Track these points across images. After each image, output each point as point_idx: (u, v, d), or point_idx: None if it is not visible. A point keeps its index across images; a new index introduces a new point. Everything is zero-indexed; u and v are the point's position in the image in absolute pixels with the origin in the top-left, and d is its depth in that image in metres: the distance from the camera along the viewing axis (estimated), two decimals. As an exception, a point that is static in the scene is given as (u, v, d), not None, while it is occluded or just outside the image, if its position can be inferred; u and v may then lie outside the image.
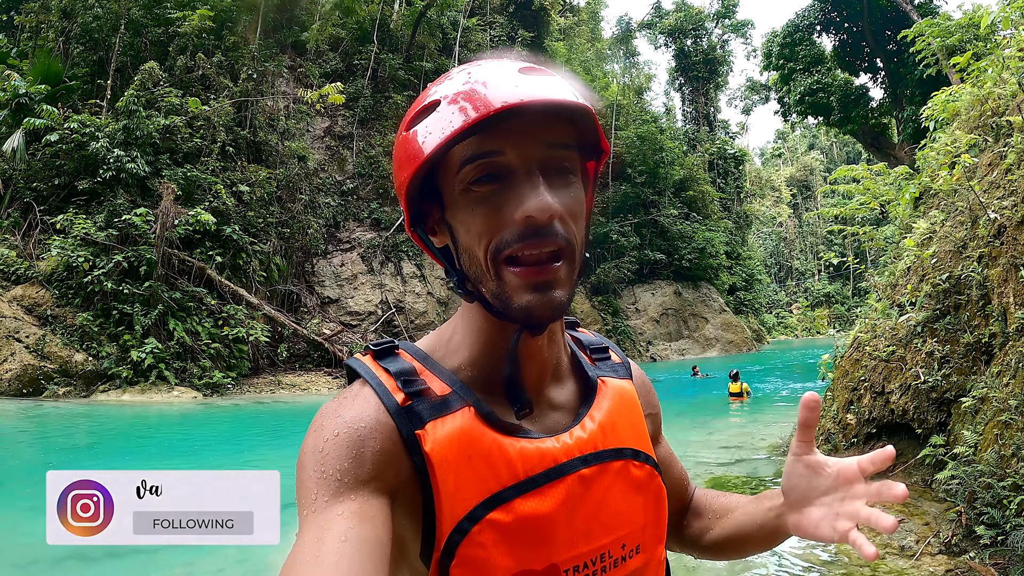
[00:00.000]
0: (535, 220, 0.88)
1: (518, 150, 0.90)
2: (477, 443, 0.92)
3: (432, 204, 0.99)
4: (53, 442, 14.27)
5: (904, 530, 5.76)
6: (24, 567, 6.67)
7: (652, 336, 42.28)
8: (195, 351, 22.10)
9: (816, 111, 35.21)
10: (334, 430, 0.87)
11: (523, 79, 0.89)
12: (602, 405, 1.08)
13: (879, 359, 7.59)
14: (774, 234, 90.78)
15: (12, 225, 22.88)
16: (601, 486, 1.00)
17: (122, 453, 12.95)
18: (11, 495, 9.73)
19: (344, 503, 0.82)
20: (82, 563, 6.75)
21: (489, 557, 0.88)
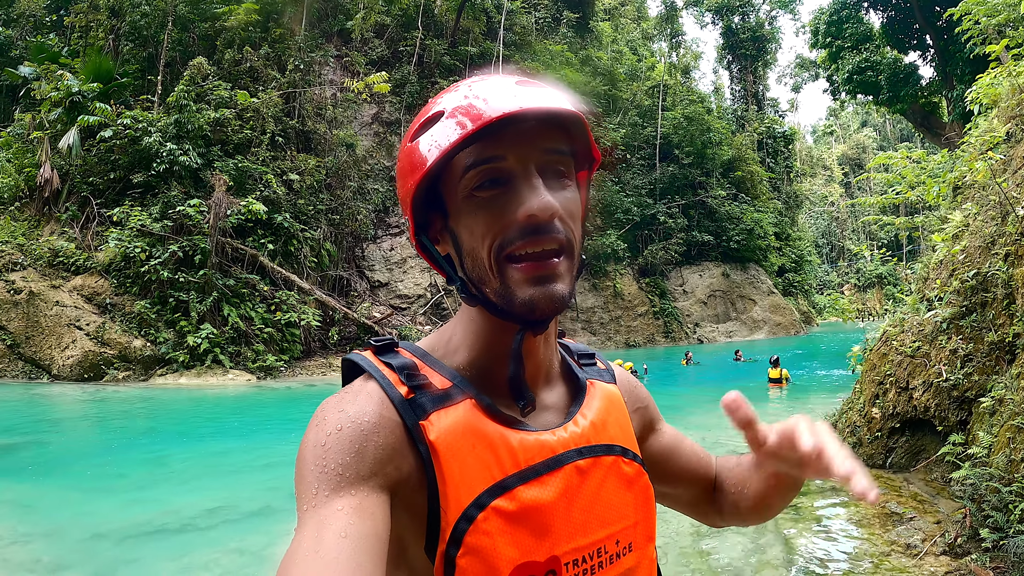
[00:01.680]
0: (537, 218, 0.92)
1: (518, 155, 0.94)
2: (480, 432, 0.95)
3: (435, 214, 1.03)
4: (114, 425, 14.73)
5: (913, 527, 5.73)
6: (88, 543, 6.89)
7: (699, 318, 42.04)
8: (249, 336, 22.76)
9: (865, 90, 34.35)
10: (337, 425, 0.89)
11: (520, 90, 0.93)
12: (592, 404, 1.11)
13: (905, 354, 7.50)
14: (825, 214, 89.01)
15: (70, 218, 23.76)
16: (595, 479, 1.03)
17: (180, 434, 13.37)
18: (75, 476, 10.05)
19: (344, 498, 0.83)
20: (141, 540, 7.02)
21: (495, 546, 0.89)
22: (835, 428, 9.35)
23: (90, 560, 6.45)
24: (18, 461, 10.89)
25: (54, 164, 24.07)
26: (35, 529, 7.36)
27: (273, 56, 30.16)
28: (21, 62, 29.40)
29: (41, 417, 15.58)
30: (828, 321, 61.44)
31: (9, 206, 24.43)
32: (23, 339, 21.12)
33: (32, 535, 7.15)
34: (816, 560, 5.47)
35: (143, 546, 6.84)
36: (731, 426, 1.05)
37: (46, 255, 22.29)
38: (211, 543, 6.79)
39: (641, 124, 44.91)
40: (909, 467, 7.35)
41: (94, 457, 11.42)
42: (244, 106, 26.67)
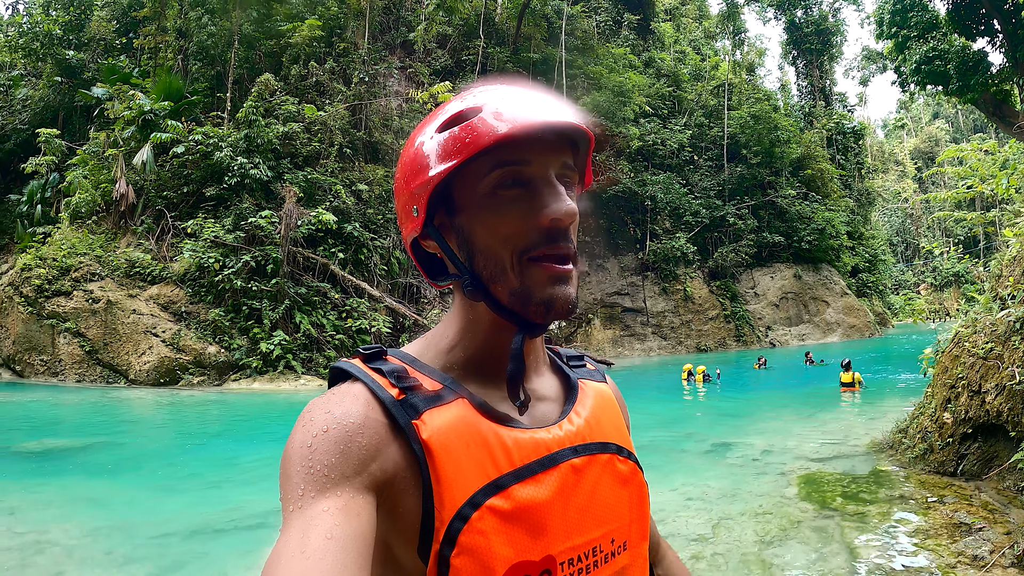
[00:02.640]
0: (561, 223, 0.94)
1: (542, 162, 0.96)
2: (473, 430, 0.94)
3: (438, 208, 1.02)
4: (187, 427, 15.10)
5: (982, 538, 5.51)
6: (158, 539, 7.03)
7: (771, 321, 41.18)
8: (320, 342, 23.10)
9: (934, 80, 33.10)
10: (323, 426, 0.88)
11: (543, 101, 0.96)
12: (585, 402, 1.11)
13: (977, 356, 7.15)
14: (899, 211, 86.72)
15: (146, 231, 24.56)
16: (591, 477, 1.02)
17: (251, 437, 13.58)
18: (148, 475, 10.30)
19: (330, 499, 0.82)
20: (210, 536, 7.12)
21: (490, 545, 0.88)
22: (905, 434, 8.98)
23: (160, 555, 6.57)
24: (94, 460, 11.21)
25: (129, 180, 24.87)
26: (107, 524, 7.53)
27: (338, 70, 30.74)
28: (94, 83, 30.73)
29: (117, 419, 16.10)
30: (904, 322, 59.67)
31: (87, 220, 25.35)
32: (101, 346, 21.98)
33: (104, 530, 7.32)
34: (880, 570, 5.32)
35: (212, 542, 6.96)
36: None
37: (123, 266, 23.02)
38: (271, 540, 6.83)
39: (707, 125, 44.39)
40: (981, 475, 7.06)
41: (167, 457, 11.70)
42: (311, 119, 27.18)
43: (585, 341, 33.84)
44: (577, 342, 33.27)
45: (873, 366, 24.45)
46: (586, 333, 34.42)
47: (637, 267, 37.56)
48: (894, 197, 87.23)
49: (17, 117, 34.04)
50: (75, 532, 7.13)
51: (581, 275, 34.03)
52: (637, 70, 41.83)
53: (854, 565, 5.43)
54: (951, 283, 73.36)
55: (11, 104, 34.83)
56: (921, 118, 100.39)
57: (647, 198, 37.36)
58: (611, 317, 35.92)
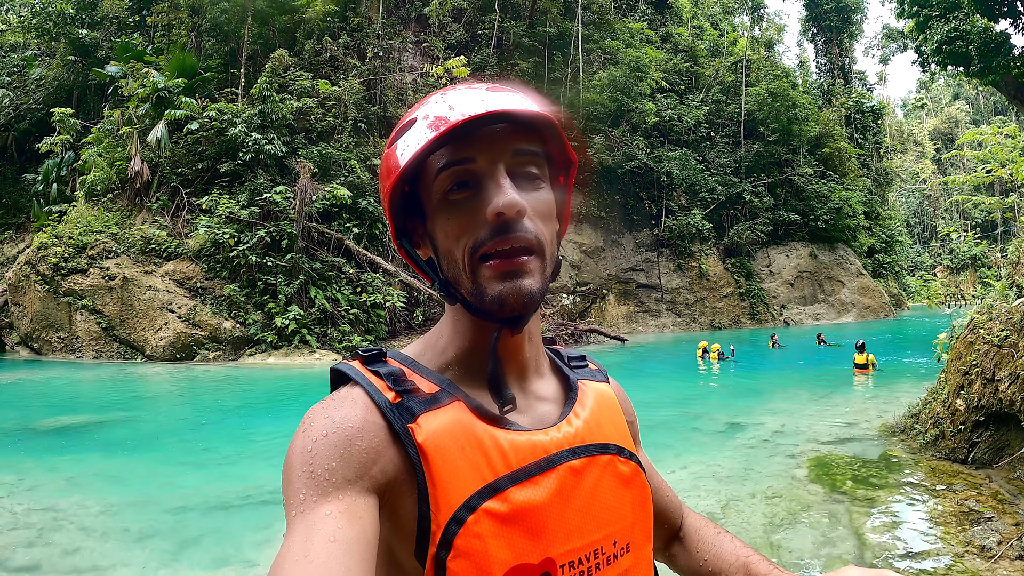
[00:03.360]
0: (504, 216, 0.92)
1: (487, 157, 0.95)
2: (470, 433, 0.93)
3: (416, 219, 1.05)
4: (204, 402, 15.13)
5: (990, 528, 5.52)
6: (174, 513, 7.07)
7: (786, 300, 40.97)
8: (335, 317, 23.20)
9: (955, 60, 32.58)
10: (323, 431, 0.89)
11: (489, 95, 0.95)
12: (585, 403, 1.10)
13: (992, 344, 7.10)
14: (917, 192, 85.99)
15: (161, 207, 24.67)
16: (591, 479, 1.01)
17: (267, 411, 13.62)
18: (165, 450, 10.34)
19: (332, 503, 0.83)
20: (226, 511, 7.15)
21: (486, 549, 0.88)
22: (917, 419, 8.90)
23: (175, 529, 6.62)
24: (111, 436, 11.27)
25: (144, 157, 24.94)
26: (124, 500, 7.56)
27: (352, 45, 30.68)
28: (108, 62, 30.72)
29: (134, 395, 16.19)
30: (919, 304, 59.36)
31: (102, 197, 25.46)
32: (118, 322, 22.18)
33: (121, 505, 7.35)
34: (888, 557, 5.35)
35: (228, 517, 6.99)
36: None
37: (139, 243, 23.12)
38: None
39: (725, 101, 44.01)
40: (992, 463, 7.04)
41: (184, 433, 11.73)
42: (326, 95, 27.15)
43: (599, 317, 33.80)
44: (591, 317, 33.24)
45: (887, 348, 24.25)
46: (600, 309, 34.36)
47: (652, 243, 37.39)
48: (912, 178, 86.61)
49: (31, 97, 34.07)
50: (93, 508, 7.17)
51: (596, 250, 33.57)
52: (654, 45, 41.55)
53: (862, 551, 5.47)
54: (967, 266, 73.07)
55: (25, 84, 34.86)
56: (941, 99, 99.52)
57: (663, 174, 37.11)
58: (625, 293, 35.82)
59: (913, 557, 5.23)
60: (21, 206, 32.36)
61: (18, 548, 6.05)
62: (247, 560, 5.79)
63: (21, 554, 5.92)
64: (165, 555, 5.96)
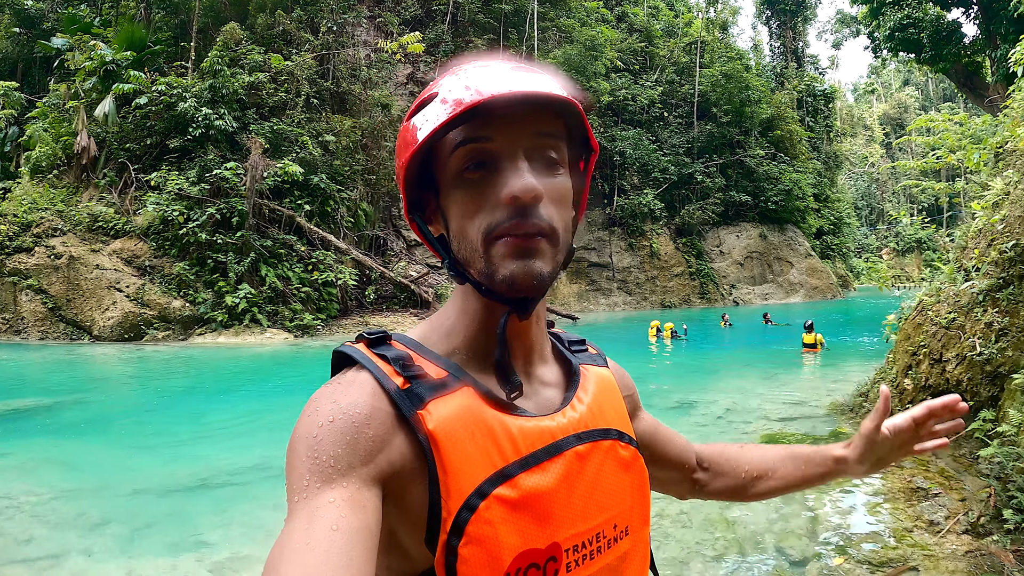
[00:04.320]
0: (520, 200, 0.91)
1: (505, 137, 0.94)
2: (479, 419, 0.94)
3: (429, 193, 1.04)
4: (154, 383, 14.92)
5: (937, 504, 5.67)
6: (131, 498, 6.99)
7: (735, 279, 41.64)
8: (286, 295, 22.98)
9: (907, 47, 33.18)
10: (329, 416, 0.88)
11: (513, 75, 0.94)
12: (588, 388, 1.11)
13: (940, 325, 7.31)
14: (865, 175, 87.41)
15: (109, 184, 24.13)
16: (594, 464, 1.03)
17: (219, 392, 13.47)
18: (117, 434, 10.16)
19: (336, 490, 0.82)
20: (183, 495, 7.10)
21: (497, 535, 0.88)
22: (867, 398, 9.20)
23: (133, 514, 6.52)
24: (60, 419, 11.05)
25: (91, 132, 24.41)
26: (79, 485, 7.45)
27: (306, 19, 30.20)
28: (54, 34, 29.87)
29: (83, 377, 15.83)
30: (866, 286, 60.57)
31: (48, 174, 24.86)
32: (64, 302, 21.72)
33: (76, 491, 7.23)
34: (839, 532, 5.49)
35: (185, 501, 6.92)
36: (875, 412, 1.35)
37: (85, 220, 22.68)
38: (250, 498, 6.87)
39: (678, 82, 44.31)
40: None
41: (136, 415, 11.54)
42: (278, 69, 26.74)
43: (551, 295, 33.44)
44: (543, 296, 33.46)
45: (835, 328, 24.75)
46: (552, 287, 34.42)
47: (604, 222, 37.65)
48: (861, 161, 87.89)
49: (-26, 70, 33.12)
50: (45, 495, 7.04)
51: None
52: (610, 24, 41.67)
53: (814, 526, 5.59)
54: (913, 249, 74.42)
55: (-33, 56, 33.87)
56: (892, 84, 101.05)
57: (616, 153, 37.35)
58: (577, 272, 36.08)
59: (864, 532, 5.39)
60: (-37, 182, 31.54)
61: (-30, 541, 5.88)
62: (205, 543, 5.74)
63: (-28, 545, 5.76)
64: (122, 540, 5.87)
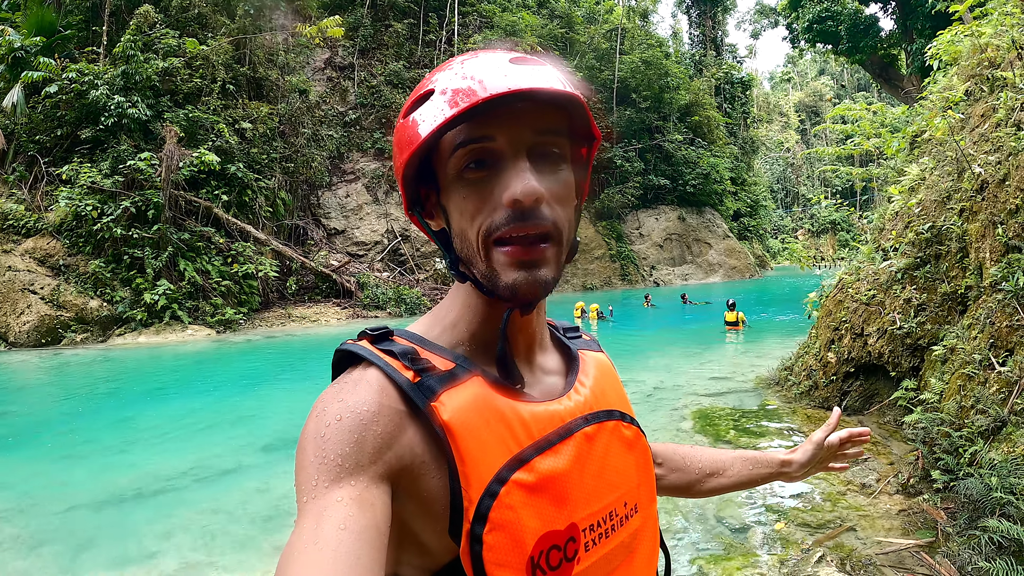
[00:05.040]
0: (521, 204, 0.91)
1: (507, 136, 0.93)
2: (492, 407, 0.95)
3: (429, 189, 1.03)
4: (77, 389, 14.37)
5: (868, 468, 6.09)
6: (65, 514, 6.80)
7: (656, 261, 42.42)
8: (206, 290, 22.44)
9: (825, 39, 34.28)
10: (336, 415, 0.88)
11: (513, 69, 0.93)
12: (588, 372, 1.14)
13: (860, 302, 7.82)
14: (781, 160, 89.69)
15: (18, 179, 22.97)
16: (601, 444, 1.05)
17: (145, 394, 13.14)
18: (44, 446, 9.79)
19: (344, 489, 0.83)
20: (119, 506, 6.94)
21: (519, 519, 0.90)
22: (791, 371, 9.69)
23: (70, 531, 6.34)
24: None
25: (-2, 124, 23.33)
26: (8, 505, 7.14)
27: (222, 2, 29.22)
28: (-44, 19, 28.30)
29: (1, 387, 15.27)
30: (782, 265, 62.28)
31: (-48, 169, 23.64)
32: (-25, 307, 20.60)
33: (6, 511, 6.93)
34: (775, 497, 5.82)
35: (121, 512, 6.75)
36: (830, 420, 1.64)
37: (-6, 219, 21.64)
38: (188, 504, 6.79)
39: (598, 68, 44.45)
40: (863, 410, 7.75)
41: (61, 424, 11.11)
42: (193, 54, 25.85)
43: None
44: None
45: (755, 307, 25.53)
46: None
47: (524, 206, 37.83)
48: (777, 146, 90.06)
49: None
50: None
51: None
52: (530, 10, 41.69)
53: (751, 495, 5.87)
54: (827, 230, 76.75)
55: None
56: (807, 73, 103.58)
57: (536, 138, 37.48)
58: (499, 257, 36.25)
59: (799, 497, 5.73)
60: None
61: None
62: (150, 553, 5.65)
63: None
64: (63, 559, 5.72)
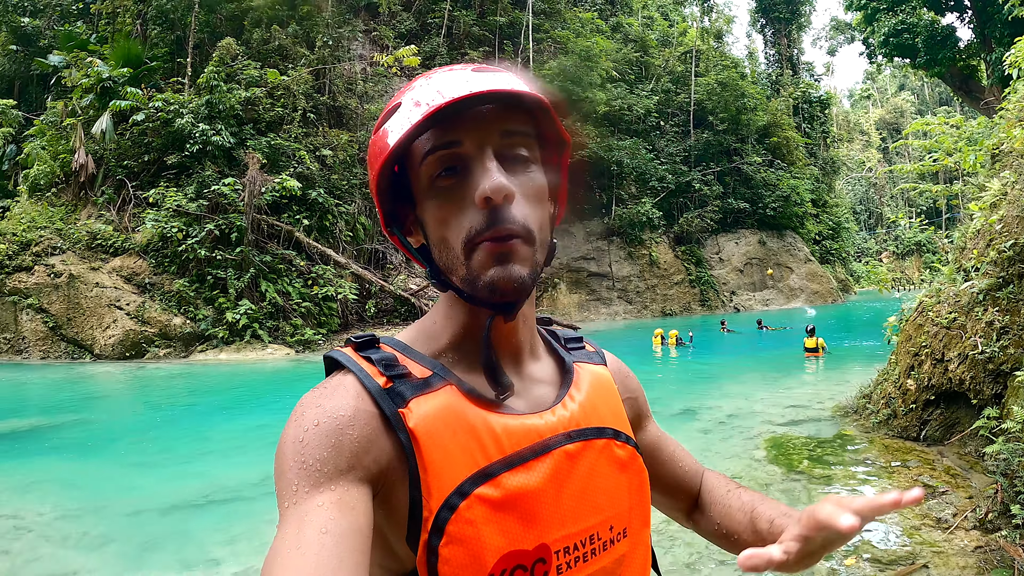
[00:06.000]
0: (492, 200, 0.90)
1: (474, 140, 0.93)
2: (462, 418, 0.93)
3: (406, 206, 1.04)
4: (156, 401, 14.84)
5: (945, 501, 5.68)
6: (134, 517, 6.96)
7: (736, 286, 41.57)
8: (286, 310, 22.96)
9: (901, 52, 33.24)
10: (314, 420, 0.88)
11: (474, 76, 0.94)
12: (581, 386, 1.10)
13: (941, 325, 7.35)
14: (863, 180, 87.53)
15: (107, 201, 24.13)
16: (586, 464, 1.01)
17: (221, 408, 13.45)
18: (120, 452, 10.14)
19: (324, 493, 0.82)
20: (186, 512, 7.06)
21: (479, 535, 0.87)
22: (869, 400, 9.19)
23: (136, 533, 6.50)
24: (63, 439, 11.00)
25: (88, 149, 24.42)
26: (81, 505, 7.41)
27: (301, 33, 30.28)
28: (50, 51, 29.98)
29: (85, 396, 15.76)
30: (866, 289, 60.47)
31: (46, 192, 24.81)
32: (64, 321, 21.62)
33: (78, 510, 7.20)
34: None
35: (188, 518, 6.89)
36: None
37: (84, 238, 22.61)
38: (253, 514, 6.83)
39: (674, 91, 44.27)
40: (943, 440, 7.28)
41: (138, 433, 11.48)
42: (274, 84, 26.77)
43: (551, 306, 33.93)
44: (543, 306, 33.37)
45: (836, 332, 24.68)
46: (552, 298, 34.50)
47: (603, 232, 37.55)
48: (858, 166, 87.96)
49: (-29, 88, 33.17)
50: (49, 515, 7.02)
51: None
52: (604, 35, 41.61)
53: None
54: (912, 252, 74.44)
55: (-36, 75, 33.92)
56: (887, 89, 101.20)
57: (613, 163, 37.26)
58: (577, 282, 36.01)
59: (871, 530, 5.36)
60: (-39, 201, 31.56)
61: (-21, 560, 5.88)
62: (212, 559, 5.70)
63: (-20, 564, 5.76)
64: (128, 559, 5.85)
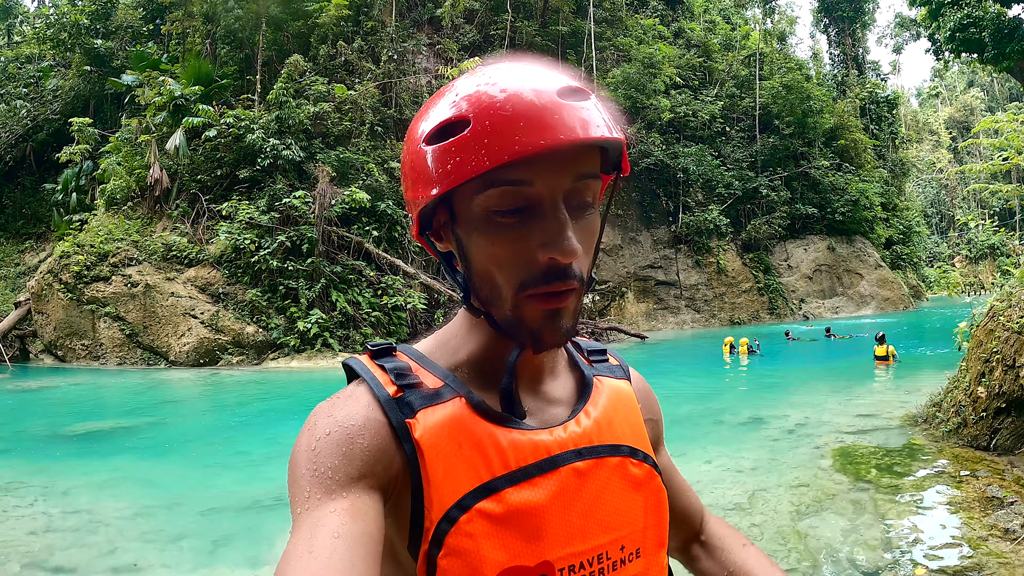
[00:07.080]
0: (557, 261, 0.87)
1: (547, 183, 0.87)
2: (468, 431, 0.91)
3: (441, 207, 0.97)
4: (230, 406, 15.29)
5: (1013, 512, 5.52)
6: (207, 515, 7.15)
7: (804, 294, 40.75)
8: (357, 320, 23.31)
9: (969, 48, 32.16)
10: (326, 429, 0.88)
11: (563, 108, 0.84)
12: (598, 401, 1.06)
13: (1012, 331, 7.13)
14: (934, 181, 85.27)
15: (181, 214, 24.93)
16: (597, 481, 0.98)
17: (292, 414, 13.64)
18: (194, 454, 10.48)
19: (336, 500, 0.82)
20: (258, 512, 7.22)
21: (479, 549, 0.86)
22: (939, 408, 8.94)
23: (210, 530, 6.67)
24: (140, 440, 11.41)
25: (163, 165, 25.20)
26: (156, 502, 7.64)
27: (367, 48, 30.83)
28: (123, 71, 31.14)
29: (160, 400, 16.33)
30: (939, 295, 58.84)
31: (123, 206, 25.70)
32: (141, 329, 22.46)
33: (154, 508, 7.42)
34: (913, 542, 5.37)
35: (259, 517, 7.05)
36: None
37: (160, 250, 23.37)
38: None
39: (739, 95, 43.72)
40: (1014, 449, 7.08)
41: (212, 436, 11.85)
42: (342, 99, 27.30)
43: (619, 315, 33.75)
44: (611, 315, 33.20)
45: (907, 340, 24.13)
46: (619, 307, 34.32)
47: (670, 240, 37.29)
48: (928, 167, 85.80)
49: (48, 107, 34.49)
50: (126, 511, 7.24)
51: (614, 248, 33.53)
52: (666, 41, 41.40)
53: (887, 536, 5.49)
54: (986, 255, 72.20)
55: (42, 95, 35.28)
56: (956, 87, 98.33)
57: (679, 170, 36.98)
58: (644, 290, 35.78)
59: (938, 541, 5.27)
60: (41, 216, 32.84)
61: (56, 550, 6.12)
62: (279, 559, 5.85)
63: (60, 555, 5.99)
64: (201, 555, 6.03)
